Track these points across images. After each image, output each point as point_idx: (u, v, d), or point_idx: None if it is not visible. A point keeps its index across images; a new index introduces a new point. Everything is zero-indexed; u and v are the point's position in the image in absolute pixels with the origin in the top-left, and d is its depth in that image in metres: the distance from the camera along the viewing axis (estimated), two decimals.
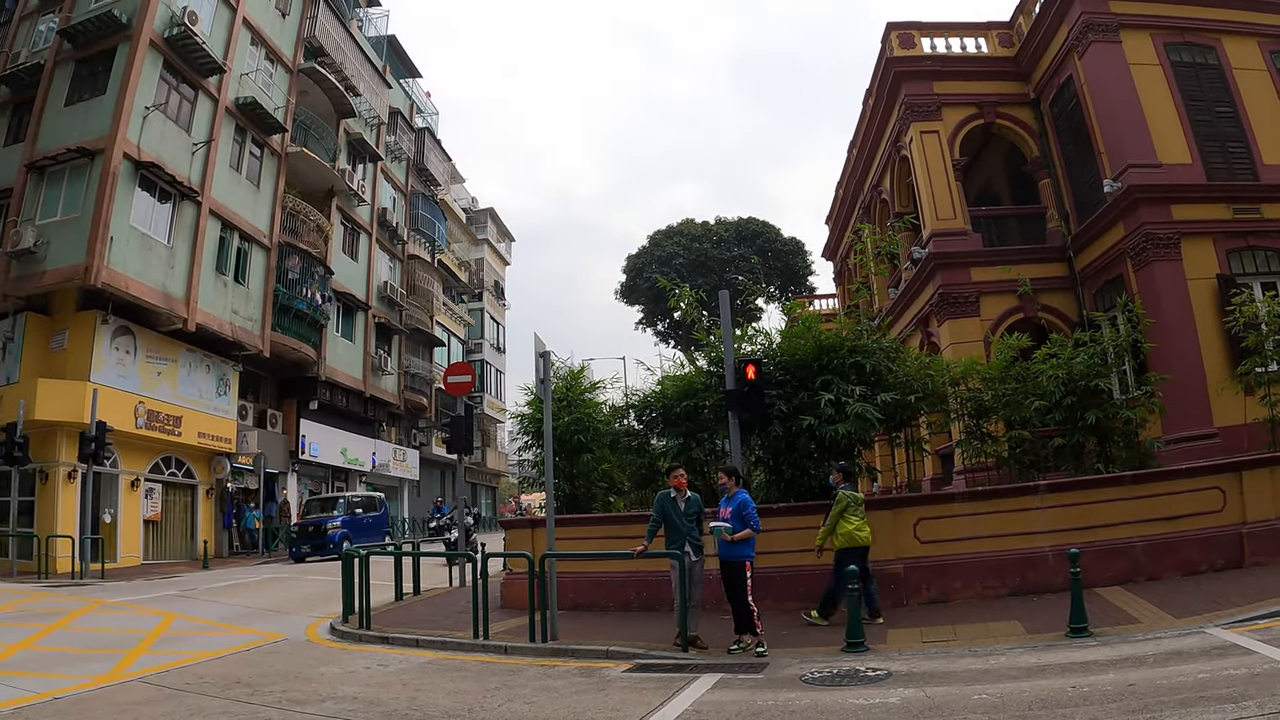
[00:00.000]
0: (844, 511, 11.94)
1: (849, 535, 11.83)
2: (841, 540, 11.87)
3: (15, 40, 29.45)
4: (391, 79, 46.34)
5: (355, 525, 30.29)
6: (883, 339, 16.05)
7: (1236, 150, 20.19)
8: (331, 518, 30.17)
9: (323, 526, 29.56)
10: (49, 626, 13.75)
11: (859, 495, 12.35)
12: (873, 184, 30.44)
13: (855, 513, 11.98)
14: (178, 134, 28.42)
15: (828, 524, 12.09)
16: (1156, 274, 19.06)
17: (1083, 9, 20.80)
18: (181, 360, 29.31)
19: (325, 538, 28.98)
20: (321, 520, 30.09)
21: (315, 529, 29.57)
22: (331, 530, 29.16)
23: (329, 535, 28.94)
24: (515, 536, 16.30)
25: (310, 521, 30.38)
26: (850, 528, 11.86)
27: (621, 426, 17.70)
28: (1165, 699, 6.81)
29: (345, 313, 40.11)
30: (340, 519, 30.11)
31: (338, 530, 28.98)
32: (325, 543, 28.80)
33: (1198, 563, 12.78)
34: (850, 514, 11.92)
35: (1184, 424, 17.73)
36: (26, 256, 25.07)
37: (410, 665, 10.70)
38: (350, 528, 29.49)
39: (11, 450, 22.38)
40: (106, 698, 8.79)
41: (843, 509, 11.95)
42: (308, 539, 29.33)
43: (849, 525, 11.87)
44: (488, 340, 62.76)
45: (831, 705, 7.69)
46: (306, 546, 29.11)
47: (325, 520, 29.98)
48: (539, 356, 13.24)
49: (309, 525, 29.95)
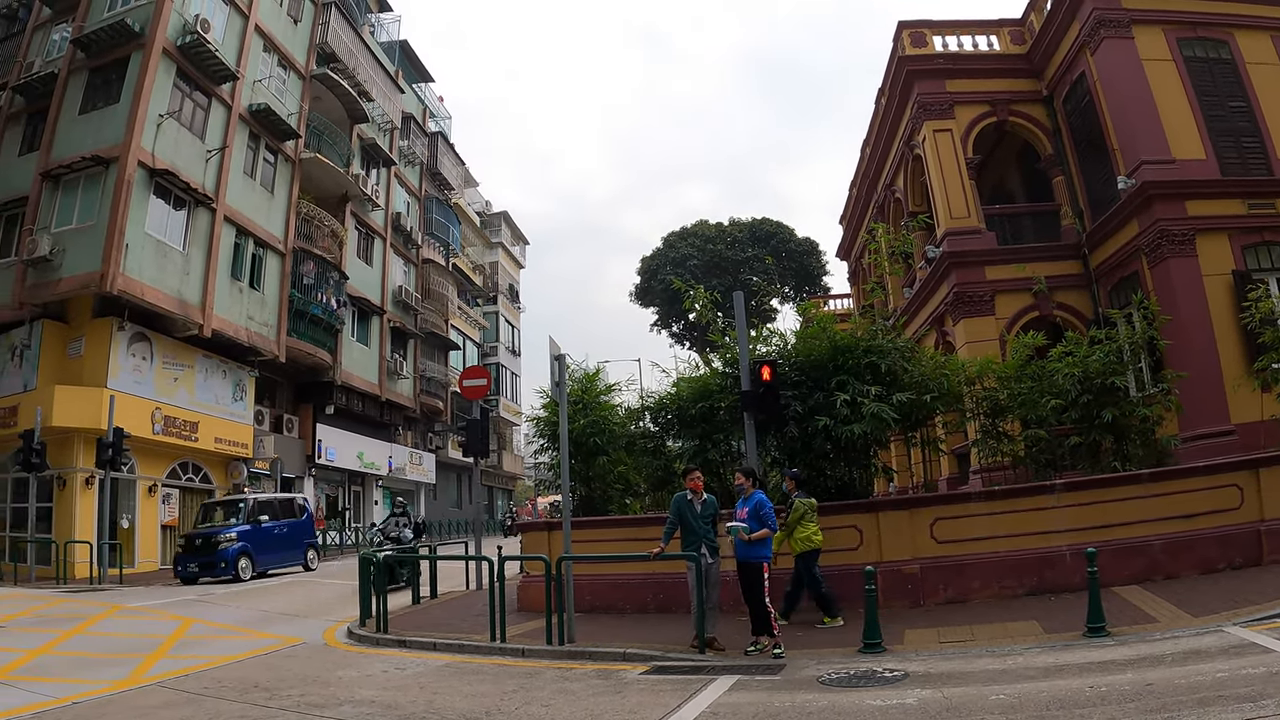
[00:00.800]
0: (801, 518, 12.38)
1: (806, 539, 12.32)
2: (800, 545, 12.35)
3: (29, 50, 29.69)
4: (404, 84, 46.52)
5: (261, 538, 24.28)
6: (898, 339, 16.02)
7: (1251, 145, 20.08)
8: (226, 528, 23.75)
9: (214, 540, 23.22)
10: (68, 631, 13.82)
11: (813, 501, 12.77)
12: (886, 183, 30.38)
13: (811, 519, 12.48)
14: (192, 141, 28.58)
15: (786, 529, 12.40)
16: (1172, 270, 18.98)
17: (1094, 5, 20.71)
18: (198, 366, 29.45)
19: (216, 554, 22.95)
20: (212, 533, 23.62)
21: (204, 543, 23.23)
22: (225, 545, 23.06)
23: (221, 551, 22.96)
24: (532, 539, 16.32)
25: (198, 534, 23.94)
26: (808, 533, 12.32)
27: (637, 429, 17.67)
28: (1183, 698, 6.77)
29: (360, 317, 40.25)
30: (237, 530, 23.68)
31: (232, 545, 23.10)
32: (216, 560, 22.87)
33: (1216, 561, 12.71)
34: (807, 520, 12.38)
35: (1201, 421, 17.64)
36: (42, 264, 25.26)
37: (428, 668, 10.72)
38: (253, 541, 23.83)
39: (29, 457, 22.54)
40: (125, 702, 8.84)
41: (800, 516, 12.38)
42: (195, 555, 23.07)
43: (806, 530, 12.35)
44: (503, 343, 62.86)
45: (849, 706, 7.67)
46: (194, 565, 22.87)
47: (217, 532, 23.56)
48: (554, 360, 13.25)
49: (196, 538, 23.55)
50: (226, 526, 23.81)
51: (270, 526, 24.85)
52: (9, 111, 28.85)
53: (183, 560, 23.09)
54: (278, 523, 25.32)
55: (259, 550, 23.91)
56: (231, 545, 23.07)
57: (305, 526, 26.95)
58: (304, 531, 26.75)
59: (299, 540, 26.25)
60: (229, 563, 22.73)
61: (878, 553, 13.34)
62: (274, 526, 25.05)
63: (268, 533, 24.62)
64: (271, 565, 24.69)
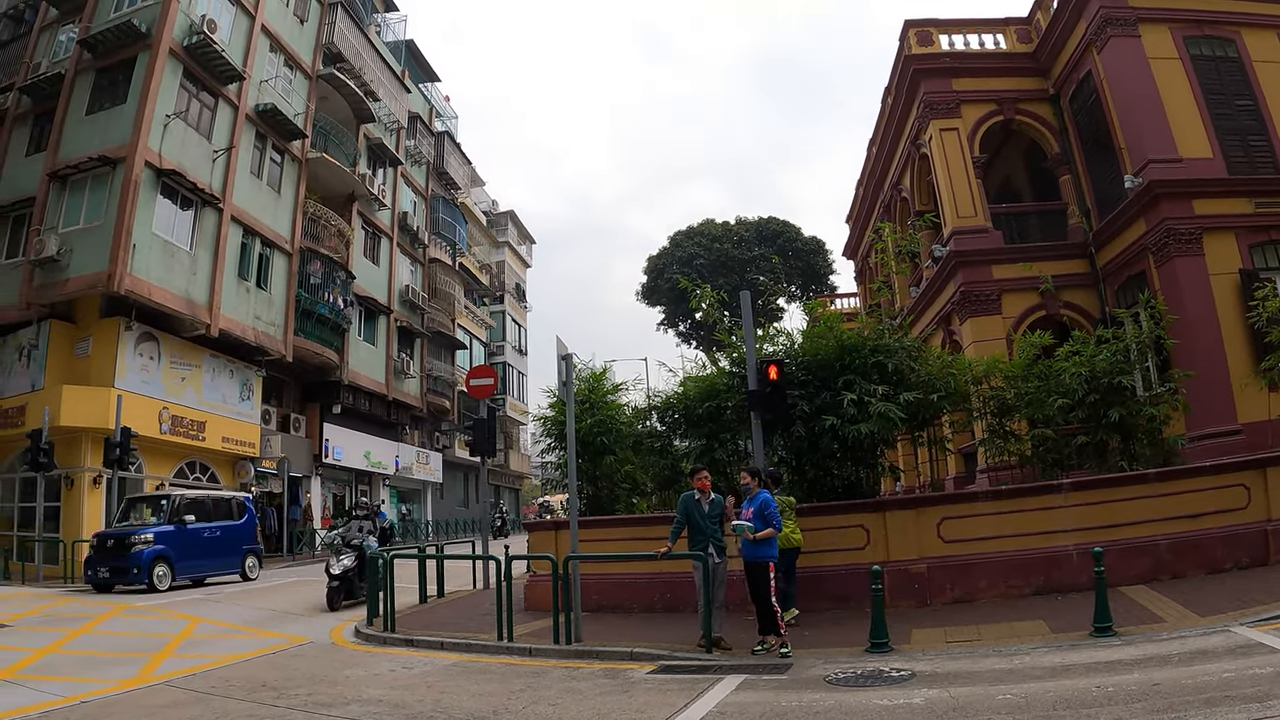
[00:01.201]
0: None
1: (785, 538, 12.06)
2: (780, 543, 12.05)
3: (36, 51, 29.72)
4: (410, 83, 46.54)
5: (185, 541, 21.02)
6: (905, 338, 16.02)
7: (1258, 144, 20.05)
8: (142, 528, 20.61)
9: (127, 541, 20.04)
10: (75, 631, 13.85)
11: (792, 500, 12.95)
12: (893, 182, 30.35)
13: (789, 517, 12.46)
14: (198, 141, 28.63)
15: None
16: (1178, 269, 18.95)
17: (1101, 4, 20.69)
18: (205, 365, 29.50)
19: (129, 558, 19.79)
20: (125, 533, 20.39)
21: (116, 544, 20.06)
22: (140, 547, 19.91)
23: (134, 555, 19.81)
24: (539, 538, 16.35)
25: (110, 534, 20.76)
26: (786, 531, 12.11)
27: (644, 428, 17.68)
28: (1190, 698, 6.77)
29: (367, 317, 40.30)
30: (156, 530, 20.51)
31: (148, 547, 19.95)
32: (128, 565, 19.76)
33: (1222, 561, 12.70)
34: (785, 518, 12.22)
35: (1208, 421, 17.63)
36: (50, 264, 25.32)
37: (435, 667, 10.74)
38: (175, 544, 20.64)
39: (37, 456, 22.61)
40: (133, 701, 8.87)
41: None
42: (107, 559, 19.98)
43: (785, 530, 12.08)
44: (509, 343, 62.93)
45: (856, 706, 7.68)
46: (105, 570, 19.87)
47: (131, 533, 20.35)
48: (561, 359, 13.26)
49: (108, 539, 20.37)
50: (144, 526, 20.78)
51: (198, 529, 21.58)
52: (16, 112, 28.89)
53: (93, 563, 20.19)
54: (209, 525, 22.16)
55: (182, 555, 20.81)
56: (147, 548, 19.95)
57: (244, 530, 23.65)
58: (242, 535, 23.50)
59: (235, 545, 23.03)
60: (142, 569, 19.61)
61: (884, 552, 13.34)
62: (203, 529, 21.84)
63: (195, 536, 21.40)
64: (198, 573, 21.81)
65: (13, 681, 9.71)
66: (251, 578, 23.20)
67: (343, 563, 16.89)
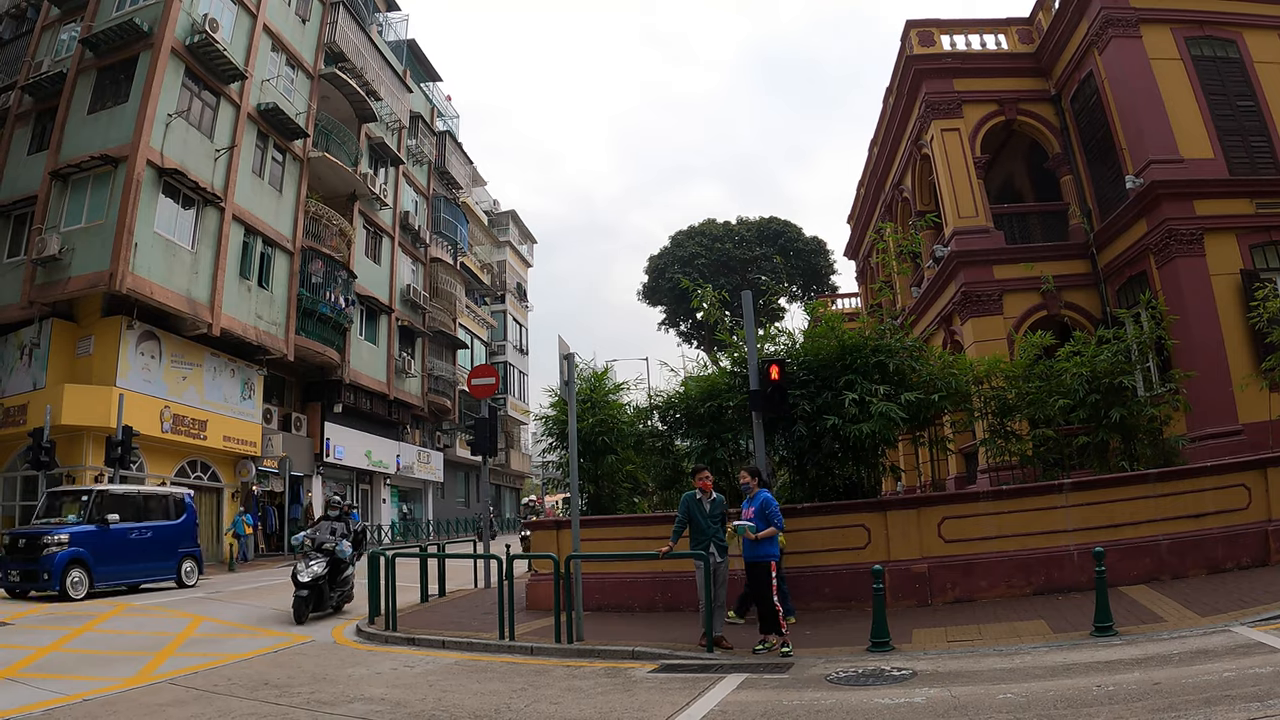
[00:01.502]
0: None
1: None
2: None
3: (38, 49, 29.78)
4: (412, 83, 46.58)
5: (107, 543, 18.71)
6: (906, 338, 15.99)
7: (1259, 144, 20.07)
8: (57, 528, 18.37)
9: (38, 542, 17.85)
10: (77, 629, 13.85)
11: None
12: (894, 182, 30.36)
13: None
14: (200, 140, 28.66)
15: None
16: (1179, 270, 18.97)
17: (1102, 4, 20.71)
18: (206, 365, 29.54)
19: (40, 561, 17.58)
20: (37, 533, 18.24)
21: (29, 545, 17.96)
22: (52, 549, 17.68)
23: (45, 558, 17.56)
24: (541, 538, 16.35)
25: (20, 533, 18.91)
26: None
27: (645, 428, 17.69)
28: (1190, 698, 6.78)
29: (368, 316, 40.34)
30: (71, 530, 18.26)
31: (62, 549, 17.72)
32: (39, 569, 17.52)
33: (1223, 561, 12.71)
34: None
35: (1209, 421, 17.64)
36: (51, 263, 25.37)
37: (436, 666, 10.75)
38: (93, 546, 18.35)
39: (39, 455, 22.63)
40: (135, 699, 8.86)
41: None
42: (18, 561, 17.93)
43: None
44: (510, 342, 62.96)
45: (857, 705, 7.69)
46: (15, 573, 17.85)
47: (43, 533, 18.12)
48: (563, 359, 13.26)
49: (20, 538, 18.40)
50: (60, 525, 18.61)
51: (124, 529, 19.28)
52: (18, 111, 28.95)
53: (4, 565, 18.23)
54: (138, 525, 19.80)
55: (102, 559, 18.49)
56: (60, 550, 17.74)
57: (180, 530, 21.13)
58: (179, 537, 21.00)
59: (169, 548, 20.59)
60: (53, 573, 17.43)
61: (885, 552, 13.36)
62: (130, 529, 19.49)
63: (119, 537, 19.10)
64: (124, 579, 19.45)
65: (16, 679, 9.70)
66: (188, 584, 20.93)
67: (312, 569, 14.81)
